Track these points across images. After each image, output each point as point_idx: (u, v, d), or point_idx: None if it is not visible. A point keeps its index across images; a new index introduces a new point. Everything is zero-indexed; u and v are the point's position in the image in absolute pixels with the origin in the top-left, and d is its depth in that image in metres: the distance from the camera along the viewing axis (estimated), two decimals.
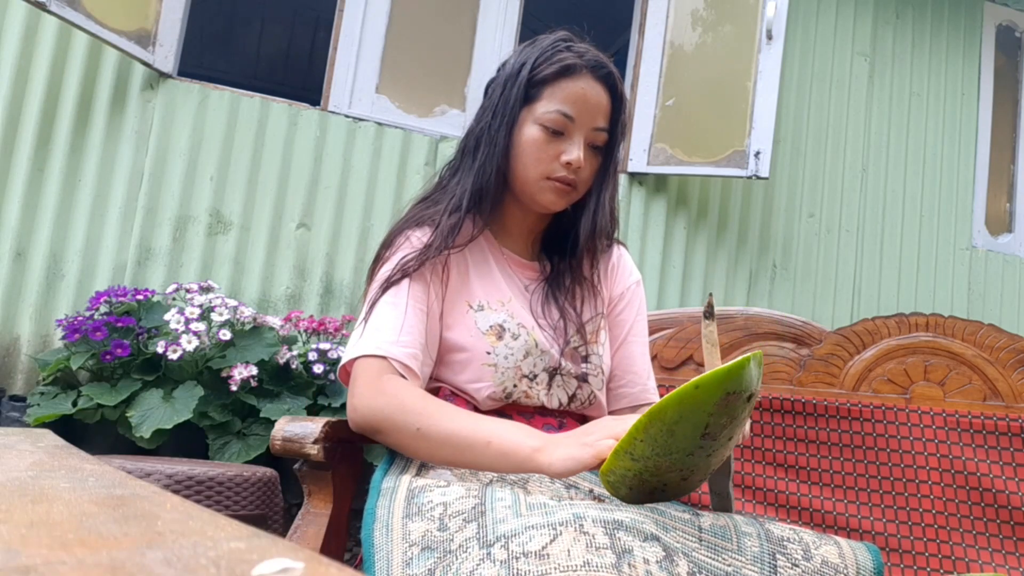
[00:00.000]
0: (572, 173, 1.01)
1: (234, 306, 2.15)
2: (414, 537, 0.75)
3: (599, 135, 1.03)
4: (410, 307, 0.96)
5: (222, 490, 1.61)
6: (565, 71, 1.01)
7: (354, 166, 2.66)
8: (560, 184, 1.01)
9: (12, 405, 2.19)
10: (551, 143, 1.01)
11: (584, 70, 1.01)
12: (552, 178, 1.01)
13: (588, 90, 1.01)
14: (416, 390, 0.91)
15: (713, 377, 0.69)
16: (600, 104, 1.02)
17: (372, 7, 2.73)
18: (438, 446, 0.87)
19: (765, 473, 1.21)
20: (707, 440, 0.73)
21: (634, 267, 1.19)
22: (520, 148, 1.02)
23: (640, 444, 0.73)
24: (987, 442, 1.10)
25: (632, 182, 2.98)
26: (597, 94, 1.02)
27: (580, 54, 1.02)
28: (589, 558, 0.65)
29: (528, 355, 0.99)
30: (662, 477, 0.75)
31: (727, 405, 0.71)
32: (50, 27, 2.40)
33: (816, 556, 0.79)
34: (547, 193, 1.02)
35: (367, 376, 0.92)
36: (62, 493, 0.42)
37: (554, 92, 1.01)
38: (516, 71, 1.03)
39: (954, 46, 3.50)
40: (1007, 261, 3.45)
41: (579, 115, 1.01)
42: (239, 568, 0.27)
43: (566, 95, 1.00)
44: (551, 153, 1.01)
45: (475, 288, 1.02)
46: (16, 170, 2.35)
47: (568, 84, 1.01)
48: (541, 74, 1.02)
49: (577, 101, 1.00)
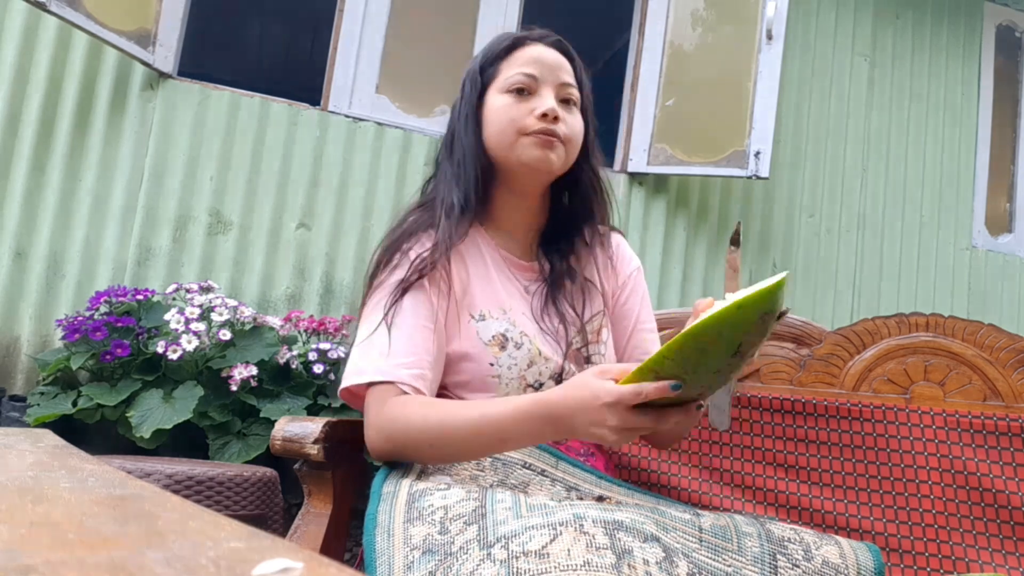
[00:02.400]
0: (550, 124, 0.98)
1: (234, 306, 2.15)
2: (415, 541, 0.75)
3: (568, 90, 1.02)
4: (415, 326, 0.94)
5: (222, 490, 1.61)
6: (514, 44, 1.03)
7: (354, 166, 2.66)
8: (541, 136, 0.98)
9: (12, 405, 2.19)
10: (520, 102, 1.00)
11: (532, 40, 1.03)
12: (530, 132, 0.98)
13: (543, 53, 1.02)
14: (418, 407, 0.89)
15: (756, 297, 0.70)
16: (559, 63, 1.02)
17: (372, 7, 2.73)
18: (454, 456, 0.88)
19: (765, 473, 1.21)
20: (736, 358, 0.74)
21: (633, 254, 1.17)
22: (490, 120, 1.01)
23: (669, 363, 0.73)
24: (987, 442, 1.10)
25: (632, 182, 2.98)
26: (553, 56, 1.02)
27: (526, 29, 1.05)
28: (589, 558, 0.65)
29: (532, 364, 0.98)
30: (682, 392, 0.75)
31: (762, 324, 0.72)
32: (50, 27, 2.40)
33: (817, 556, 0.79)
34: (529, 149, 0.98)
35: (375, 405, 0.91)
36: (62, 493, 0.42)
37: (509, 62, 1.02)
38: (471, 69, 1.06)
39: (954, 46, 3.50)
40: (1007, 261, 3.45)
41: (541, 72, 1.01)
42: (239, 568, 0.27)
43: (523, 60, 1.02)
44: (523, 111, 0.99)
45: (476, 297, 1.00)
46: (16, 170, 2.35)
47: (520, 52, 1.02)
48: (493, 54, 1.03)
49: (535, 61, 1.01)
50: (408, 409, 0.88)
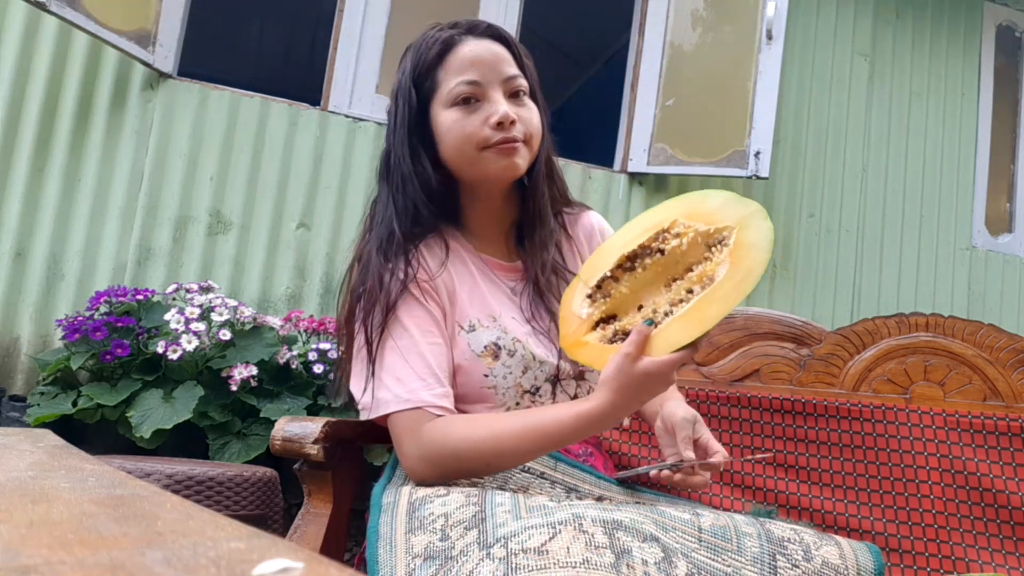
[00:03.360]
0: (508, 130, 0.94)
1: (234, 306, 2.15)
2: (417, 550, 0.75)
3: (515, 82, 0.97)
4: (423, 343, 0.92)
5: (222, 490, 1.61)
6: (445, 46, 0.96)
7: (354, 166, 2.66)
8: (501, 146, 0.95)
9: (12, 405, 2.19)
10: (471, 115, 0.95)
11: (462, 36, 0.97)
12: (489, 146, 0.95)
13: (477, 49, 0.96)
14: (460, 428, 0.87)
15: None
16: (497, 55, 0.97)
17: (372, 7, 2.73)
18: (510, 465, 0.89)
19: (765, 473, 1.21)
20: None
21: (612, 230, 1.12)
22: (444, 139, 0.96)
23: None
24: (987, 442, 1.10)
25: (632, 182, 2.98)
26: (488, 48, 0.96)
27: (452, 25, 0.98)
28: (588, 556, 0.65)
29: (527, 370, 0.97)
30: None
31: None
32: (50, 27, 2.40)
33: (817, 557, 0.79)
34: (494, 162, 0.95)
35: (409, 434, 0.88)
36: (62, 493, 0.42)
37: (446, 70, 0.96)
38: (399, 81, 0.99)
39: (954, 46, 3.50)
40: (1007, 261, 3.45)
41: (482, 75, 0.95)
42: (239, 568, 0.27)
43: (459, 65, 0.95)
44: (476, 123, 0.94)
45: (464, 307, 0.98)
46: (16, 170, 2.35)
47: (454, 56, 0.96)
48: (425, 64, 0.97)
49: (473, 64, 0.95)
50: (451, 431, 0.87)
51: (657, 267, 0.90)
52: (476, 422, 0.88)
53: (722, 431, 1.25)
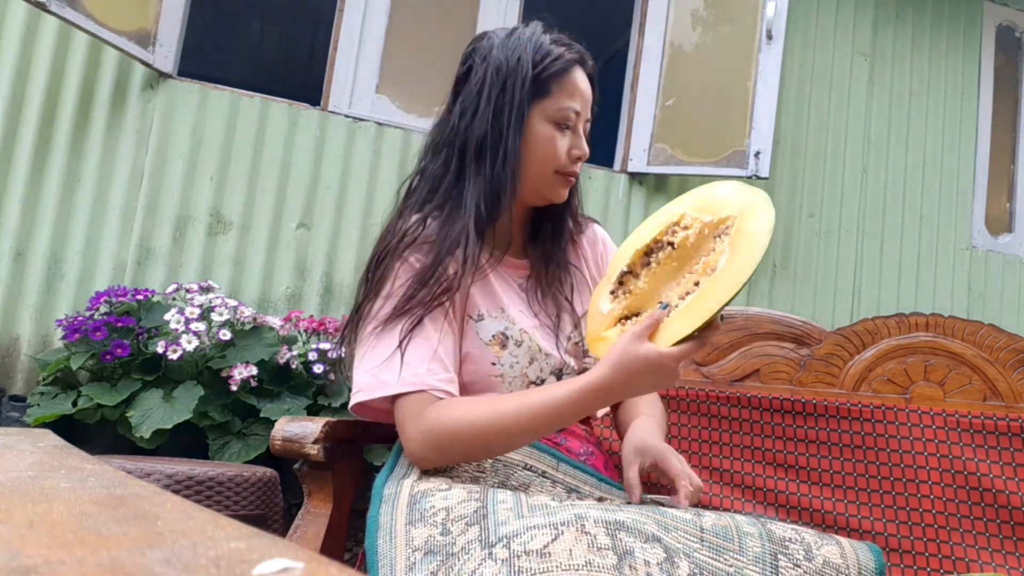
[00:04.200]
0: (577, 166, 1.04)
1: (234, 306, 2.15)
2: (417, 543, 0.75)
3: (588, 125, 1.07)
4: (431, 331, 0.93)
5: (222, 490, 1.61)
6: (567, 66, 1.02)
7: (354, 166, 2.66)
8: (569, 177, 1.04)
9: (12, 405, 2.19)
10: (562, 139, 1.02)
11: (577, 64, 1.04)
12: (562, 172, 1.03)
13: (582, 83, 1.04)
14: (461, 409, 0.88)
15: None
16: (590, 96, 1.06)
17: (372, 7, 2.73)
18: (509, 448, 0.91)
19: (765, 473, 1.21)
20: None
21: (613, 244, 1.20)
22: (533, 146, 1.00)
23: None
24: (987, 442, 1.10)
25: (632, 182, 2.98)
26: (586, 87, 1.05)
27: (569, 47, 1.04)
28: (591, 558, 0.65)
29: (533, 360, 0.99)
30: None
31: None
32: (50, 27, 2.40)
33: (818, 556, 0.79)
34: (558, 188, 1.04)
35: (412, 417, 0.89)
36: (62, 493, 0.42)
37: (561, 87, 1.01)
38: (514, 68, 0.99)
39: (954, 46, 3.50)
40: (1007, 261, 3.45)
41: (582, 108, 1.04)
42: (239, 568, 0.27)
43: (572, 90, 1.02)
44: (564, 148, 1.02)
45: (474, 297, 1.00)
46: (16, 170, 2.35)
47: (569, 79, 1.02)
48: (547, 71, 1.00)
49: (579, 95, 1.03)
50: (452, 413, 0.88)
51: (672, 260, 0.92)
52: (475, 402, 0.90)
53: (722, 431, 1.25)
